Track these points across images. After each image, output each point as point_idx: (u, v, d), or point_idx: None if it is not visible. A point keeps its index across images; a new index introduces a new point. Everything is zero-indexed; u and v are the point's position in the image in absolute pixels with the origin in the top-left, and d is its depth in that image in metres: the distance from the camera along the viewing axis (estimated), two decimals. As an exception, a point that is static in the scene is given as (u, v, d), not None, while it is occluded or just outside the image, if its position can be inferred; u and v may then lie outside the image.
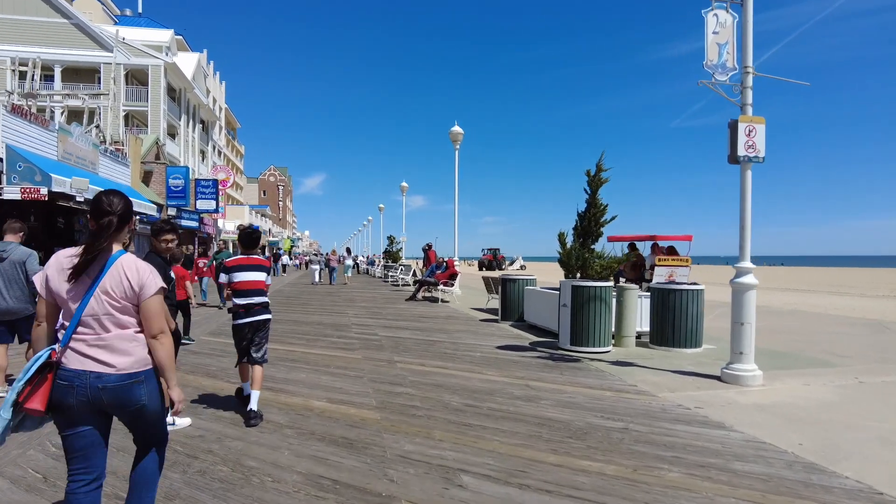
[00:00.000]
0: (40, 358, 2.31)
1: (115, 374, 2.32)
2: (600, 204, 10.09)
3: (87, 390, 2.28)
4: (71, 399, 2.28)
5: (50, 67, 32.20)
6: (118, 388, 2.32)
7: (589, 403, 5.38)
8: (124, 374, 2.34)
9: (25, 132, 13.38)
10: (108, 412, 2.40)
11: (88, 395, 2.29)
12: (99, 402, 2.31)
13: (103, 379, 2.30)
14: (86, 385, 2.28)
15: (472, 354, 7.90)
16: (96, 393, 2.30)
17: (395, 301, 17.14)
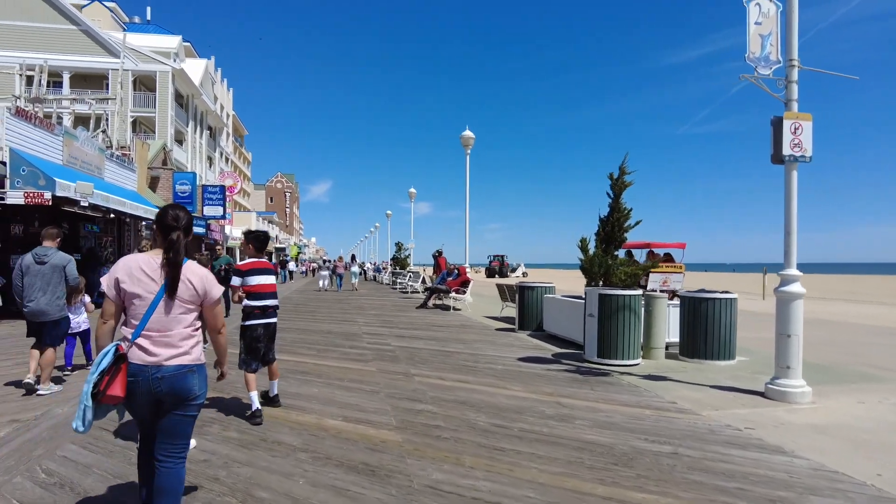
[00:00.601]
0: (109, 352, 2.57)
1: (173, 365, 2.61)
2: (624, 208, 9.65)
3: (149, 382, 2.57)
4: (136, 389, 2.57)
5: (59, 74, 32.16)
6: (174, 377, 2.60)
7: (629, 423, 4.92)
8: (181, 364, 2.63)
9: (30, 136, 13.07)
10: (163, 401, 2.63)
11: (150, 386, 2.57)
12: (158, 391, 2.59)
13: (162, 370, 2.59)
14: (148, 377, 2.57)
15: (493, 367, 7.45)
16: (155, 383, 2.58)
17: (405, 309, 16.71)
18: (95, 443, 4.30)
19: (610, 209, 9.68)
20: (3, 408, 5.27)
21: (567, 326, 9.49)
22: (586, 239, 9.92)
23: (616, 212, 9.62)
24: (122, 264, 2.66)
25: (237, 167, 61.20)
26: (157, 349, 2.60)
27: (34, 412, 5.13)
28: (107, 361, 2.54)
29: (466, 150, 18.52)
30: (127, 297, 2.62)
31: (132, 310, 2.62)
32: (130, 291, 2.61)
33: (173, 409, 2.66)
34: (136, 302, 2.61)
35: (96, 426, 4.56)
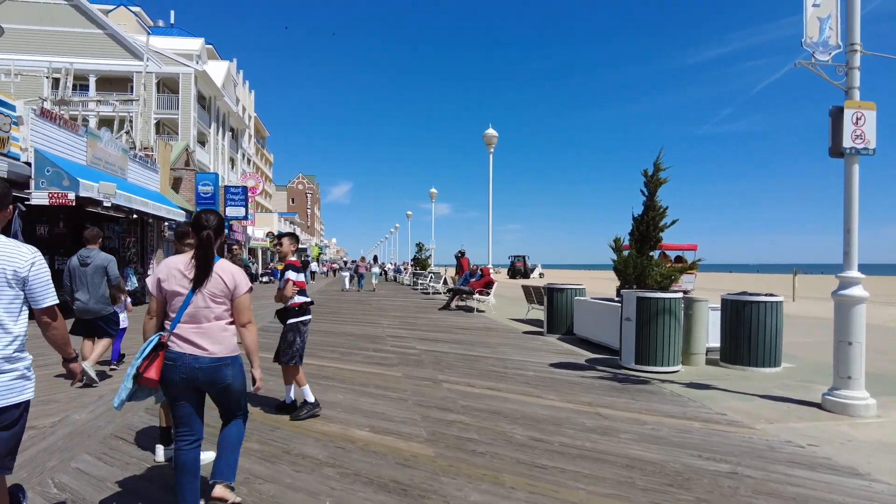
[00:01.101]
0: (152, 341, 2.86)
1: (208, 356, 2.85)
2: (659, 206, 9.23)
3: (186, 369, 2.82)
4: (175, 376, 2.83)
5: (85, 77, 32.63)
6: (210, 368, 2.85)
7: (677, 438, 4.54)
8: (215, 357, 2.86)
9: (55, 137, 13.08)
10: (202, 388, 2.91)
11: (187, 373, 2.82)
12: (195, 379, 2.84)
13: (199, 360, 2.83)
14: (185, 365, 2.81)
15: (523, 373, 7.10)
16: (193, 372, 2.82)
17: (427, 310, 16.43)
18: (111, 454, 4.07)
19: (644, 207, 9.27)
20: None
21: (600, 330, 9.09)
22: (620, 239, 9.53)
23: (651, 210, 9.20)
24: (163, 265, 2.98)
25: (259, 168, 61.63)
26: (193, 340, 2.86)
27: (52, 418, 4.94)
28: (148, 348, 2.86)
29: (489, 148, 18.17)
30: (168, 295, 2.92)
31: (171, 305, 2.92)
32: (169, 289, 2.90)
33: (217, 395, 2.99)
34: (175, 298, 2.90)
35: (113, 436, 4.34)
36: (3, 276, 2.42)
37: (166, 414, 3.94)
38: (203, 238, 2.91)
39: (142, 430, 4.61)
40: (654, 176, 9.23)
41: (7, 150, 11.50)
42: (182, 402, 2.90)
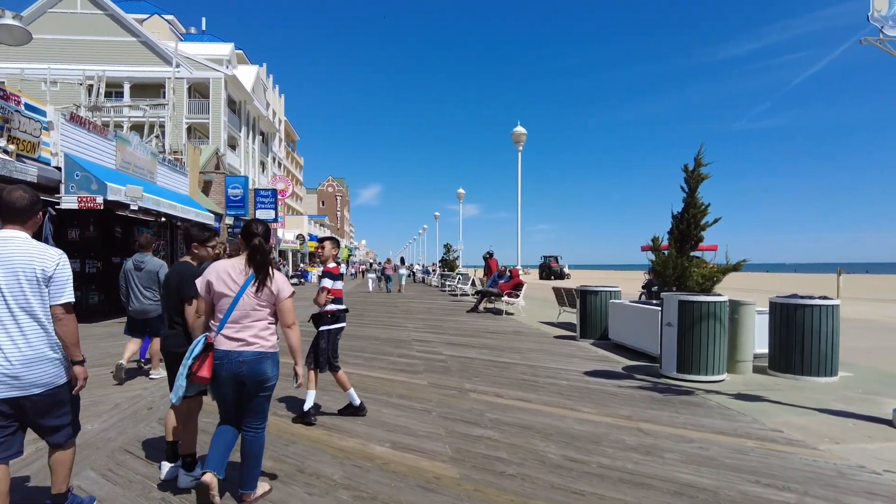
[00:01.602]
0: (200, 341, 3.09)
1: (251, 350, 3.09)
2: (700, 204, 8.70)
3: (231, 365, 3.06)
4: (222, 372, 3.07)
5: (119, 84, 33.42)
6: (252, 361, 3.09)
7: (730, 459, 4.08)
8: (258, 352, 3.10)
9: (84, 141, 13.20)
10: (243, 382, 3.12)
11: (233, 369, 3.07)
12: (239, 373, 3.07)
13: (242, 355, 3.07)
14: (231, 361, 3.06)
15: (556, 383, 6.67)
16: (238, 366, 3.06)
17: (454, 313, 16.07)
18: (116, 469, 3.83)
19: (684, 205, 8.75)
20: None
21: (637, 336, 8.58)
22: (658, 238, 9.02)
23: (692, 207, 8.69)
24: (213, 269, 3.20)
25: (289, 172, 62.28)
26: (238, 337, 3.10)
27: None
28: (198, 349, 3.09)
29: (518, 146, 17.72)
30: (216, 296, 3.14)
31: (219, 305, 3.15)
32: (218, 291, 3.13)
33: (253, 391, 3.17)
34: (223, 299, 3.13)
35: (121, 449, 4.11)
36: (35, 276, 2.74)
37: (173, 428, 3.69)
38: (255, 245, 3.17)
39: (152, 441, 4.38)
40: (694, 171, 8.71)
41: (38, 155, 11.60)
42: (227, 399, 3.20)
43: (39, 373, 2.73)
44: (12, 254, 2.72)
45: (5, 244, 2.74)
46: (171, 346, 3.59)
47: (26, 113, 11.27)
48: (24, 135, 11.10)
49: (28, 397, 2.72)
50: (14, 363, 2.67)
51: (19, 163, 10.69)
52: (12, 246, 2.74)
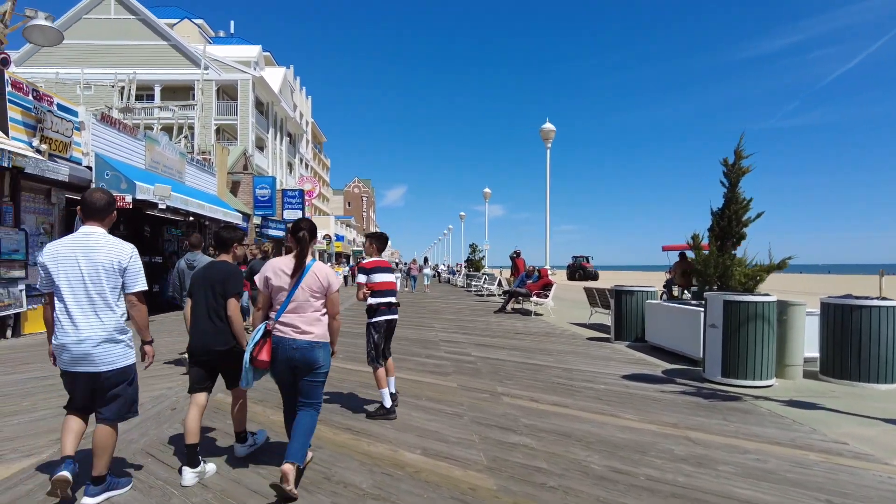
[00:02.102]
0: (260, 329, 3.43)
1: (304, 339, 3.39)
2: (742, 199, 8.29)
3: (286, 350, 3.37)
4: (278, 356, 3.39)
5: (150, 87, 34.03)
6: (305, 349, 3.39)
7: (792, 473, 3.72)
8: (311, 340, 3.40)
9: (114, 141, 13.34)
10: (297, 367, 3.40)
11: (287, 354, 3.38)
12: (294, 359, 3.38)
13: (297, 342, 3.37)
14: (287, 347, 3.37)
15: (593, 387, 6.34)
16: (292, 353, 3.37)
17: (482, 313, 15.78)
18: (138, 474, 3.66)
19: (725, 200, 8.34)
20: (58, 422, 4.82)
21: (676, 337, 8.17)
22: (698, 235, 8.63)
23: (733, 203, 8.28)
24: (270, 265, 3.52)
25: (316, 173, 62.76)
26: (293, 326, 3.41)
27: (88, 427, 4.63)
28: (258, 335, 3.42)
29: (547, 143, 17.35)
30: (273, 290, 3.47)
31: (276, 298, 3.48)
32: (275, 285, 3.45)
33: (305, 376, 3.45)
34: (280, 292, 3.46)
35: (143, 452, 3.94)
36: (111, 266, 3.11)
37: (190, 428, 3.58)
38: (300, 237, 3.48)
39: (175, 444, 4.22)
40: (735, 165, 8.30)
41: (69, 155, 11.72)
42: (284, 382, 3.52)
43: (107, 353, 3.12)
44: (94, 247, 3.11)
45: (87, 238, 3.15)
46: (215, 345, 3.67)
47: (59, 113, 11.40)
48: (56, 135, 11.21)
49: (97, 373, 3.13)
50: (87, 343, 3.06)
51: (51, 162, 10.80)
52: (93, 240, 3.15)
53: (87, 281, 3.06)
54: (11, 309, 9.97)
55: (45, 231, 11.36)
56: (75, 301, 3.07)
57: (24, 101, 10.52)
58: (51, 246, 3.15)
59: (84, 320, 3.06)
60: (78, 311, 3.06)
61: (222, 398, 5.36)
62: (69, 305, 3.07)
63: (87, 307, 3.07)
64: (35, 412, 5.14)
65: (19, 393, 5.86)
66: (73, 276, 3.07)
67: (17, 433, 4.54)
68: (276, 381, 3.56)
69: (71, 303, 3.07)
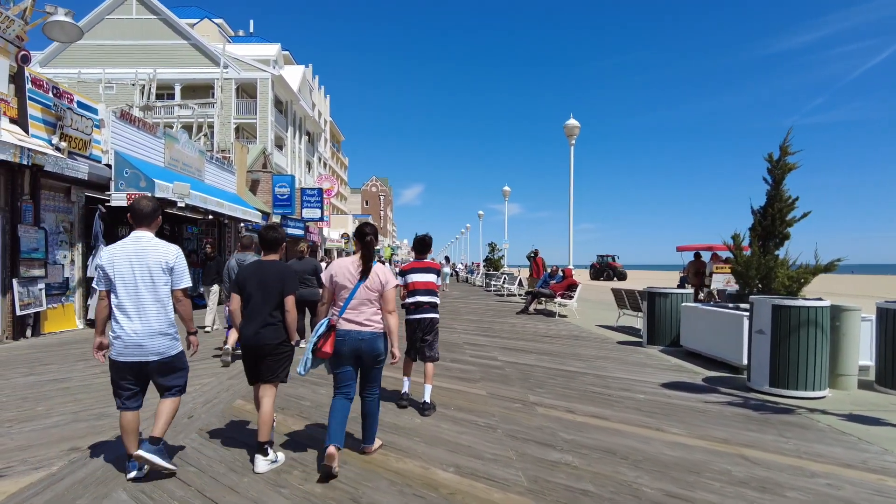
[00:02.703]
0: (324, 324, 3.80)
1: (369, 331, 3.81)
2: (787, 197, 7.84)
3: (352, 342, 3.78)
4: (343, 348, 3.78)
5: (171, 86, 34.22)
6: (370, 340, 3.81)
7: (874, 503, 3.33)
8: (374, 332, 3.83)
9: (133, 139, 13.23)
10: (362, 357, 3.83)
11: (353, 346, 3.79)
12: (358, 350, 3.80)
13: (362, 335, 3.79)
14: (352, 339, 3.77)
15: (632, 396, 5.96)
16: (358, 344, 3.78)
17: (503, 314, 15.42)
18: (152, 492, 3.39)
19: (768, 198, 7.90)
20: (72, 430, 4.60)
21: (715, 343, 7.74)
22: (739, 235, 8.19)
23: (777, 201, 7.84)
24: (335, 265, 3.85)
25: (334, 172, 62.84)
26: (357, 320, 3.76)
27: (98, 436, 4.40)
28: (323, 329, 3.72)
29: (570, 140, 16.91)
30: (337, 287, 3.80)
31: (340, 295, 3.80)
32: (340, 283, 3.78)
33: (369, 364, 3.85)
34: (343, 290, 3.80)
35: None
36: (159, 266, 3.46)
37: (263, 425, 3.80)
38: (366, 241, 3.88)
39: (189, 456, 3.95)
40: (779, 161, 7.86)
41: (89, 153, 11.62)
42: (345, 369, 3.82)
43: (157, 344, 3.48)
44: (144, 249, 3.48)
45: (138, 241, 3.51)
46: (267, 339, 3.83)
47: (78, 111, 11.29)
48: (76, 132, 11.11)
49: (147, 362, 3.49)
50: (140, 335, 3.43)
51: (71, 160, 10.70)
52: (143, 243, 3.51)
53: (138, 280, 3.44)
54: (31, 308, 9.88)
55: (65, 230, 11.28)
56: (129, 298, 3.43)
57: (44, 99, 10.43)
58: (107, 249, 3.54)
59: (136, 315, 3.43)
60: (131, 307, 3.43)
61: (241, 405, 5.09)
62: (123, 302, 3.43)
63: (140, 303, 3.44)
64: (49, 418, 4.92)
65: (35, 396, 5.67)
66: (126, 276, 3.43)
67: (30, 441, 4.32)
68: (336, 370, 3.83)
69: (125, 299, 3.43)
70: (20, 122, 9.99)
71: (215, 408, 5.32)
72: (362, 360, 3.83)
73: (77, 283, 11.56)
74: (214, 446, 4.22)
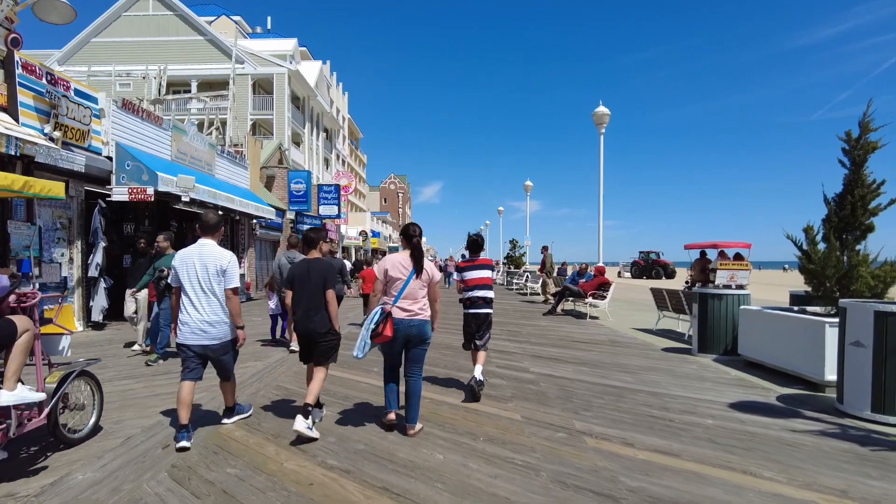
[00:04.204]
0: (378, 311, 4.34)
1: (419, 319, 4.41)
2: (870, 182, 6.70)
3: (405, 328, 4.35)
4: (397, 333, 4.34)
5: (187, 82, 33.80)
6: (419, 325, 4.41)
7: None
8: (422, 319, 4.43)
9: (137, 130, 12.49)
10: (411, 340, 4.43)
11: (405, 331, 4.36)
12: (409, 334, 4.39)
13: (413, 321, 4.38)
14: (405, 325, 4.35)
15: (698, 421, 4.90)
16: (409, 329, 4.37)
17: (529, 315, 14.39)
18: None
19: (845, 184, 6.78)
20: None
21: (786, 353, 6.61)
22: (813, 227, 7.05)
23: (857, 186, 6.71)
24: (389, 260, 4.48)
25: (353, 169, 62.24)
26: (409, 309, 4.39)
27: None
28: (378, 317, 4.32)
29: (600, 129, 15.78)
30: (390, 280, 4.43)
31: (393, 287, 4.42)
32: (393, 276, 4.41)
33: (415, 346, 4.49)
34: (396, 282, 4.41)
35: None
36: (215, 268, 4.26)
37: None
38: (414, 243, 4.48)
39: None
40: (860, 139, 6.72)
41: (88, 144, 10.90)
42: (395, 351, 4.49)
43: (217, 330, 4.24)
44: (207, 255, 4.24)
45: (202, 248, 4.28)
46: (317, 328, 4.49)
47: (75, 98, 10.56)
48: (72, 122, 10.39)
49: (210, 345, 4.23)
50: (204, 323, 4.19)
51: (66, 151, 9.96)
52: (206, 249, 4.27)
53: (200, 279, 4.21)
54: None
55: (63, 226, 10.57)
56: (193, 292, 4.21)
57: (36, 86, 9.70)
58: (180, 253, 4.32)
59: (200, 306, 4.20)
60: (196, 299, 4.20)
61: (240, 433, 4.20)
62: (190, 295, 4.21)
63: (202, 297, 4.21)
64: None
65: None
66: (191, 275, 4.22)
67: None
68: (387, 352, 4.51)
69: (191, 293, 4.21)
70: (9, 109, 9.27)
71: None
72: (411, 343, 4.44)
73: (76, 282, 10.86)
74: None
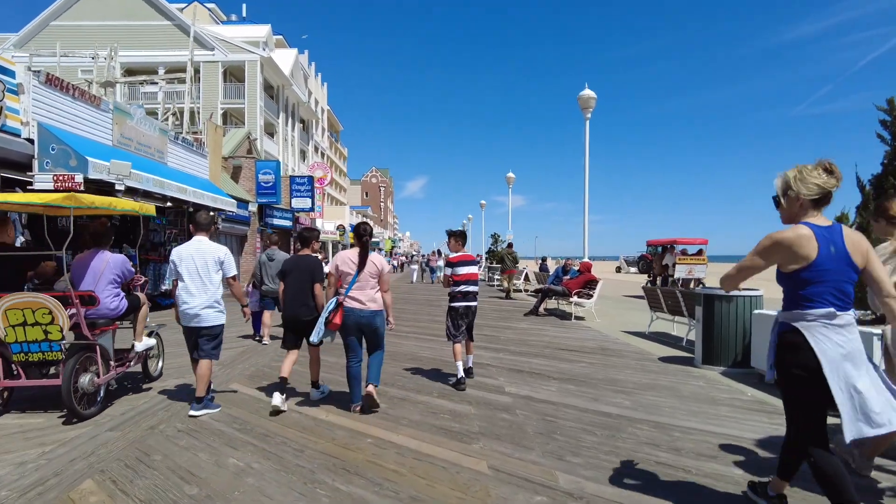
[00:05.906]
0: (333, 302, 4.96)
1: (368, 310, 4.91)
2: (914, 161, 5.58)
3: (355, 317, 4.90)
4: (349, 322, 4.92)
5: (154, 70, 32.02)
6: (370, 316, 4.92)
7: None
8: (373, 310, 4.94)
9: (67, 110, 11.01)
10: (363, 330, 4.98)
11: (356, 320, 4.91)
12: (360, 324, 4.93)
13: (363, 313, 4.90)
14: (356, 315, 4.90)
15: (723, 472, 3.70)
16: (359, 318, 4.90)
17: (509, 316, 13.23)
18: None
19: (886, 159, 5.66)
20: None
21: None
22: (846, 214, 5.92)
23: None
24: (340, 256, 5.06)
25: (332, 162, 60.55)
26: (359, 299, 4.91)
27: None
28: (332, 306, 4.94)
29: (586, 114, 14.64)
30: (342, 274, 5.00)
31: (344, 280, 4.99)
32: (343, 270, 4.99)
33: (370, 335, 5.02)
34: (347, 276, 4.98)
35: None
36: (214, 261, 5.02)
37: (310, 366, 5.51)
38: (364, 241, 5.07)
39: None
40: (901, 111, 5.60)
41: (2, 124, 9.47)
42: (352, 337, 5.00)
43: (207, 315, 5.00)
44: (204, 250, 5.04)
45: (199, 243, 5.07)
46: (302, 315, 5.29)
47: (-17, 71, 9.14)
48: (-21, 98, 8.96)
49: (199, 328, 5.02)
50: (198, 307, 4.96)
51: (-33, 131, 8.55)
52: (203, 245, 5.07)
53: (199, 269, 4.99)
54: None
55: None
56: (191, 282, 4.98)
57: (-70, 53, 8.25)
58: (177, 249, 5.09)
59: (196, 293, 4.96)
60: (193, 288, 4.97)
61: None
62: (188, 285, 4.97)
63: (199, 285, 4.97)
64: None
65: None
66: (190, 267, 4.99)
67: None
68: (345, 339, 5.04)
69: (189, 283, 4.98)
70: None
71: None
72: (364, 333, 4.98)
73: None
74: None
